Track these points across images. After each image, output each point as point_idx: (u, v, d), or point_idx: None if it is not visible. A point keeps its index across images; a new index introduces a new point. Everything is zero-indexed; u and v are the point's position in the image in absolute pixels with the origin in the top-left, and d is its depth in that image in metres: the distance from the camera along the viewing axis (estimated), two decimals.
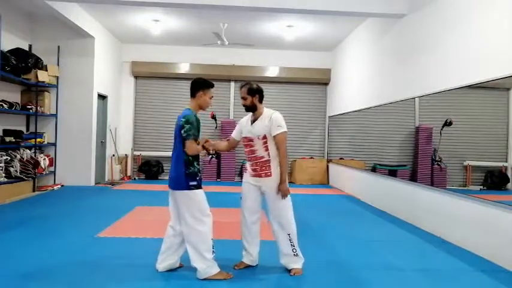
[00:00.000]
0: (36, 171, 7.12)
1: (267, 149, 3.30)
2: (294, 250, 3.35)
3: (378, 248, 4.27)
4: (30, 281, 3.09)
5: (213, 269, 3.15)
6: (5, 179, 6.46)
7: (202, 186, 3.21)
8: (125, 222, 5.20)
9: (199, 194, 3.15)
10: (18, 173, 6.69)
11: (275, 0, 5.98)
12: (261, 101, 3.40)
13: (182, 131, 3.07)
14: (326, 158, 10.36)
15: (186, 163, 3.12)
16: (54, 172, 8.02)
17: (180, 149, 3.13)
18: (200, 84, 3.27)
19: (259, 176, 3.33)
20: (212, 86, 3.32)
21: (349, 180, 8.38)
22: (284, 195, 3.28)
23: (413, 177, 5.64)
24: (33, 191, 7.28)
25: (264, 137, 3.29)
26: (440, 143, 5.01)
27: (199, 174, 3.21)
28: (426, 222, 5.06)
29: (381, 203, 6.54)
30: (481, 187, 4.40)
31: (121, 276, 3.23)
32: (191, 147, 3.08)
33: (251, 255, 3.45)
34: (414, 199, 5.42)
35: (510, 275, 3.49)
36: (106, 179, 9.22)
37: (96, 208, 6.09)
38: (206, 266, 3.12)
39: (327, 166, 10.07)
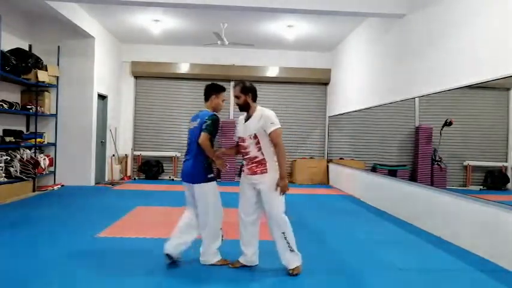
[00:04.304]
0: (36, 171, 7.11)
1: (259, 149, 3.27)
2: (290, 246, 3.30)
3: (377, 248, 4.27)
4: (29, 280, 3.09)
5: (216, 257, 3.50)
6: (5, 179, 6.46)
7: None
8: (124, 222, 5.20)
9: (215, 185, 3.47)
10: (18, 173, 6.69)
11: (275, 0, 5.98)
12: (254, 99, 3.39)
13: (203, 125, 3.32)
14: (326, 158, 10.36)
15: (206, 157, 3.38)
16: (54, 172, 8.02)
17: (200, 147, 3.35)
18: (212, 88, 3.55)
19: (255, 173, 3.30)
20: (224, 90, 3.59)
21: (349, 180, 8.38)
22: (282, 191, 3.24)
23: (413, 177, 5.64)
24: (33, 191, 7.28)
25: (255, 137, 3.26)
26: (440, 143, 5.01)
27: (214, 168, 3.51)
28: (426, 222, 5.06)
29: (381, 203, 6.54)
30: (481, 187, 4.40)
31: (121, 276, 3.23)
32: (206, 138, 3.30)
33: (246, 255, 3.44)
34: (414, 199, 5.42)
35: (510, 275, 3.49)
36: (106, 179, 9.23)
37: (96, 208, 6.09)
38: (214, 255, 3.48)
39: (327, 166, 10.07)
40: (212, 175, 3.44)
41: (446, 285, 3.29)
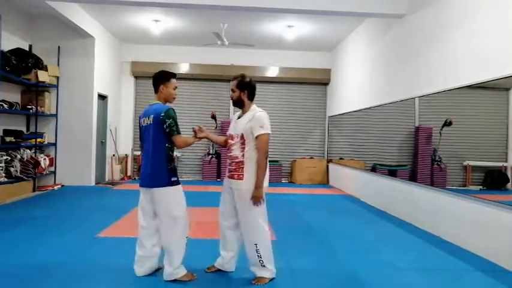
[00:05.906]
0: (37, 171, 7.12)
1: (242, 150, 3.04)
2: (261, 261, 3.06)
3: (377, 247, 4.27)
4: (29, 280, 3.10)
5: (181, 270, 3.11)
6: (5, 179, 6.46)
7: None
8: (125, 222, 5.20)
9: (180, 190, 3.11)
10: (19, 173, 6.69)
11: (275, 0, 5.98)
12: (250, 98, 3.17)
13: (165, 126, 2.98)
14: (326, 158, 10.36)
15: (168, 158, 3.04)
16: (54, 172, 8.03)
17: (161, 144, 3.03)
18: (159, 78, 3.16)
19: (232, 177, 3.09)
20: (173, 76, 3.18)
21: (349, 180, 8.38)
22: (255, 202, 2.98)
23: (413, 177, 5.64)
24: (34, 191, 7.28)
25: (242, 137, 3.05)
26: (440, 143, 5.01)
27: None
28: (426, 222, 5.06)
29: (381, 203, 6.54)
30: (481, 187, 4.40)
31: (121, 276, 3.23)
32: (181, 140, 3.05)
33: (223, 258, 3.28)
34: (414, 199, 5.42)
35: (510, 275, 3.49)
36: (106, 179, 9.23)
37: (96, 208, 6.10)
38: (176, 267, 3.07)
39: (327, 166, 10.07)
40: (176, 178, 3.06)
41: (446, 285, 3.29)
